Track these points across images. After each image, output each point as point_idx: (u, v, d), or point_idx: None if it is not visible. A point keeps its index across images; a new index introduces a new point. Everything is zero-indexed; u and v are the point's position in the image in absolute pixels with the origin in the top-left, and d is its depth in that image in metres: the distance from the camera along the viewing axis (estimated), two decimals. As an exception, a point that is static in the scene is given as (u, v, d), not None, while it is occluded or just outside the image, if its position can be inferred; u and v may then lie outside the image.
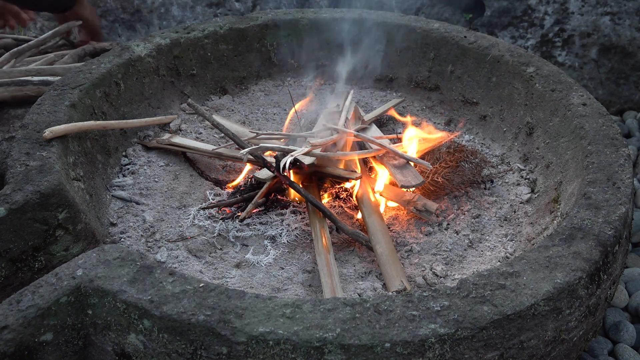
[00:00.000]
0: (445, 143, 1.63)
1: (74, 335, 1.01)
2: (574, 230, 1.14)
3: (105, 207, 1.47)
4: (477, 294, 0.99)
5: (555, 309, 1.00)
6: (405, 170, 1.52)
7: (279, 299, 0.97)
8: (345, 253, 1.42)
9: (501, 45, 1.82)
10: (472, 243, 1.43)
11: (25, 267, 1.20)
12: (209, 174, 1.65)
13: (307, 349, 0.89)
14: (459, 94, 1.88)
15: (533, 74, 1.68)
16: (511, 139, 1.71)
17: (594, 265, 1.06)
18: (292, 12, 2.07)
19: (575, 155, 1.42)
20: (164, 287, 0.99)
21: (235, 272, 1.34)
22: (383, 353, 0.90)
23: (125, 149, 1.66)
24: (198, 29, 1.94)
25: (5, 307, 0.96)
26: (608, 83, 2.33)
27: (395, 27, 1.98)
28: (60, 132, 1.38)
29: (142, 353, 0.98)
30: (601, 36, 2.27)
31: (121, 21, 2.70)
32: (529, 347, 0.98)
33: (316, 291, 1.29)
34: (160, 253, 1.37)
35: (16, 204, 1.17)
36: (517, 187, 1.57)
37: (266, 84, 2.06)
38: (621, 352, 1.37)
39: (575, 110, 1.50)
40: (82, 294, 1.00)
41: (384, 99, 1.99)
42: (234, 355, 0.91)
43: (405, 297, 0.98)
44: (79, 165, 1.42)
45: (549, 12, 2.30)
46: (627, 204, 1.20)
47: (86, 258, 1.06)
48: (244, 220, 1.47)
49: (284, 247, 1.42)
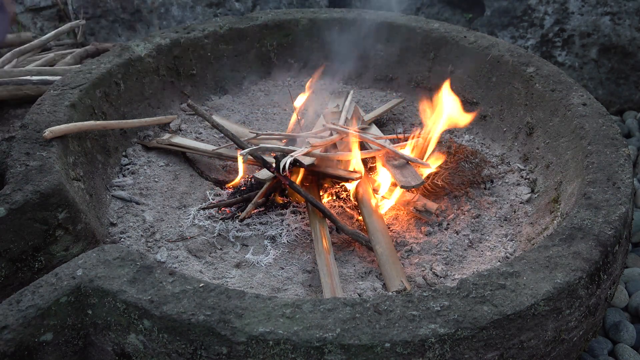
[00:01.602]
0: (445, 143, 1.63)
1: (74, 335, 1.01)
2: (574, 230, 1.14)
3: (105, 207, 1.47)
4: (477, 294, 0.99)
5: (555, 309, 1.00)
6: (405, 170, 1.52)
7: (279, 299, 0.97)
8: (345, 253, 1.42)
9: (501, 45, 1.82)
10: (472, 243, 1.43)
11: (25, 267, 1.20)
12: (209, 174, 1.65)
13: (307, 349, 0.89)
14: (459, 94, 1.88)
15: (533, 74, 1.68)
16: (511, 139, 1.71)
17: (594, 265, 1.06)
18: (292, 12, 2.07)
19: (575, 155, 1.42)
20: (164, 287, 0.99)
21: (235, 272, 1.34)
22: (383, 353, 0.90)
23: (125, 149, 1.66)
24: (198, 29, 1.94)
25: (5, 307, 0.96)
26: (608, 83, 2.33)
27: (395, 27, 1.98)
28: (60, 132, 1.38)
29: (142, 353, 0.98)
30: (601, 36, 2.27)
31: (121, 21, 2.70)
32: (529, 347, 0.98)
33: (316, 291, 1.29)
34: (160, 253, 1.37)
35: (16, 204, 1.17)
36: (517, 187, 1.57)
37: (266, 84, 2.06)
38: (621, 352, 1.37)
39: (575, 110, 1.50)
40: (82, 294, 1.00)
41: (384, 99, 1.99)
42: (234, 355, 0.91)
43: (405, 297, 0.98)
44: (79, 165, 1.42)
45: (549, 12, 2.30)
46: (627, 204, 1.20)
47: (86, 258, 1.06)
48: (244, 220, 1.47)
49: (284, 247, 1.42)
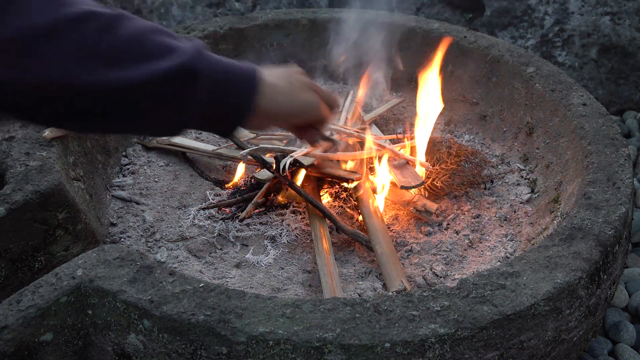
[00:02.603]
0: (445, 144, 1.63)
1: (74, 335, 1.00)
2: (574, 230, 1.14)
3: (105, 207, 1.47)
4: (477, 294, 0.99)
5: (555, 309, 0.99)
6: (405, 170, 1.52)
7: (279, 299, 0.97)
8: (345, 253, 1.42)
9: (501, 45, 1.82)
10: (472, 243, 1.43)
11: (25, 267, 1.20)
12: (209, 174, 1.65)
13: (307, 349, 0.89)
14: (459, 94, 1.88)
15: (533, 74, 1.68)
16: (511, 139, 1.71)
17: (594, 265, 1.06)
18: (292, 12, 2.07)
19: (575, 155, 1.42)
20: (164, 287, 0.99)
21: (235, 272, 1.34)
22: (383, 353, 0.90)
23: (125, 149, 1.66)
24: (198, 29, 1.94)
25: (5, 307, 0.96)
26: (608, 83, 2.33)
27: (395, 26, 1.98)
28: (60, 132, 1.38)
29: (142, 353, 0.98)
30: (601, 36, 2.27)
31: (121, 21, 2.70)
32: (529, 347, 0.98)
33: (316, 291, 1.29)
34: (160, 253, 1.37)
35: (16, 204, 1.17)
36: (517, 187, 1.57)
37: (266, 84, 2.06)
38: (621, 352, 1.37)
39: (575, 110, 1.50)
40: (82, 294, 1.00)
41: (384, 99, 1.99)
42: (234, 355, 0.91)
43: (405, 297, 0.98)
44: (79, 165, 1.42)
45: (549, 12, 2.30)
46: (627, 204, 1.20)
47: (86, 258, 1.06)
48: (243, 220, 1.47)
49: (284, 247, 1.41)
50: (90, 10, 0.67)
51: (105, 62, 0.67)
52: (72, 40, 0.65)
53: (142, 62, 0.70)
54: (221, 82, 0.78)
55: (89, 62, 0.66)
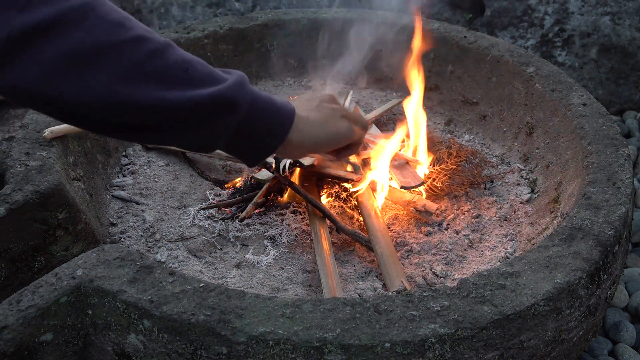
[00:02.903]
0: (445, 144, 1.63)
1: (74, 335, 1.01)
2: (574, 230, 1.14)
3: (105, 207, 1.47)
4: (477, 294, 0.99)
5: (555, 309, 0.99)
6: (405, 171, 1.52)
7: (279, 299, 0.97)
8: (345, 253, 1.42)
9: (501, 45, 1.82)
10: (472, 243, 1.43)
11: (25, 267, 1.20)
12: (209, 174, 1.66)
13: (307, 349, 0.89)
14: (459, 94, 1.88)
15: (533, 74, 1.68)
16: (511, 139, 1.71)
17: (594, 265, 1.06)
18: (292, 12, 2.07)
19: (575, 155, 1.42)
20: (164, 287, 0.99)
21: (235, 272, 1.34)
22: (383, 353, 0.90)
23: (125, 149, 1.66)
24: (198, 29, 1.94)
25: (5, 307, 0.96)
26: (608, 83, 2.33)
27: (395, 26, 1.98)
28: (60, 132, 1.38)
29: (142, 353, 0.98)
30: (601, 36, 2.27)
31: (121, 21, 2.70)
32: (529, 347, 0.98)
33: (316, 291, 1.29)
34: (160, 253, 1.37)
35: (16, 204, 1.17)
36: (517, 187, 1.57)
37: (266, 84, 2.06)
38: (621, 352, 1.37)
39: (575, 110, 1.50)
40: (82, 294, 1.00)
41: (384, 99, 1.99)
42: (234, 355, 0.91)
43: (405, 297, 0.98)
44: (79, 165, 1.42)
45: (549, 12, 2.30)
46: (627, 204, 1.20)
47: (86, 258, 1.06)
48: (244, 220, 1.47)
49: (284, 247, 1.42)
50: (145, 35, 0.74)
51: (155, 82, 0.73)
52: (127, 59, 0.71)
53: (189, 86, 0.75)
54: (257, 114, 0.84)
55: (142, 79, 0.72)
